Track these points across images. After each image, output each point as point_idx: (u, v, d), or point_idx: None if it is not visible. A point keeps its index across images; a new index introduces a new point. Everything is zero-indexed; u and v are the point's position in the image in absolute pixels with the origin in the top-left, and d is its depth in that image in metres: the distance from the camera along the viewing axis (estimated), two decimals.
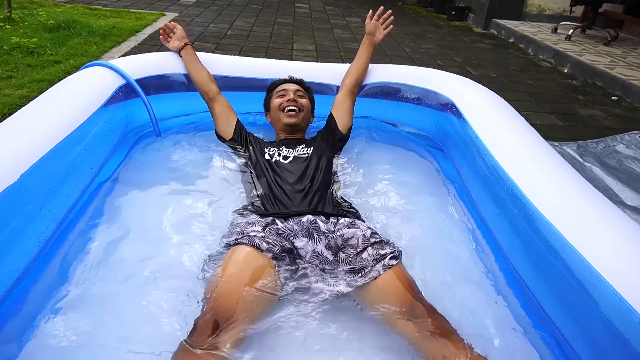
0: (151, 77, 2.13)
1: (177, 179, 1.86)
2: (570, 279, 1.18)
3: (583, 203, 1.34)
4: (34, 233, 1.32)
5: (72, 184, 1.54)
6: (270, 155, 1.76)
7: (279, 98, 1.91)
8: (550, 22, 6.17)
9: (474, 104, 2.03)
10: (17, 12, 4.52)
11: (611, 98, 4.00)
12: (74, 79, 1.92)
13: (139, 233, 1.54)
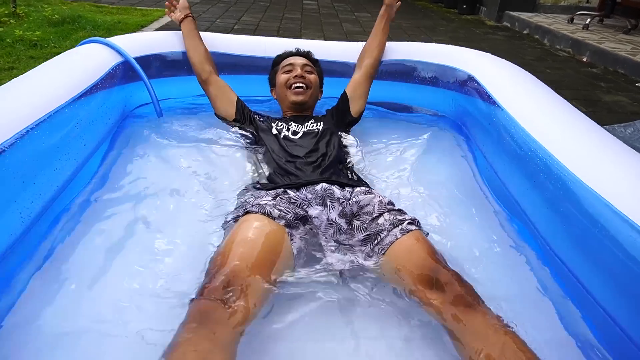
0: (151, 55, 2.03)
1: (179, 158, 1.75)
2: (619, 252, 1.03)
3: (628, 170, 1.19)
4: (16, 208, 1.20)
5: (62, 160, 1.42)
6: (278, 130, 1.65)
7: (285, 74, 1.78)
8: (566, 14, 5.99)
9: (496, 77, 1.90)
10: (23, 8, 4.48)
11: (635, 85, 3.81)
12: (69, 54, 1.81)
13: (137, 212, 1.42)
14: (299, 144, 1.57)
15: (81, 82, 1.60)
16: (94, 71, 1.72)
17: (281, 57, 1.90)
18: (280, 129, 1.66)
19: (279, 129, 1.66)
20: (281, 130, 1.65)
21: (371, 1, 7.60)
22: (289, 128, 1.66)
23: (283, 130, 1.65)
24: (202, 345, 0.84)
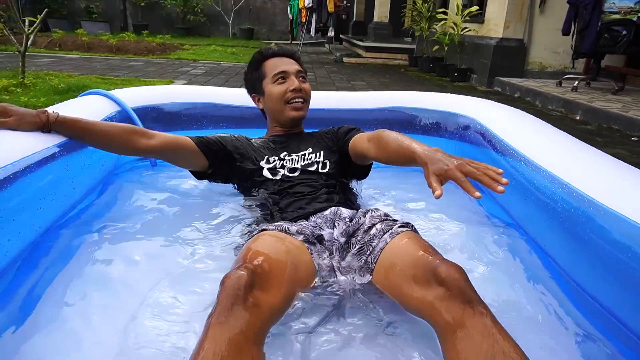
0: (147, 107, 2.05)
1: (173, 207, 1.66)
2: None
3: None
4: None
5: (48, 199, 1.36)
6: (271, 171, 1.45)
7: (279, 85, 1.52)
8: (553, 78, 6.23)
9: (497, 119, 1.90)
10: (31, 79, 4.64)
11: (631, 139, 3.85)
12: (70, 102, 1.83)
13: (128, 265, 1.32)
14: (298, 183, 1.42)
15: None
16: (91, 117, 1.71)
17: (263, 56, 1.59)
18: (273, 166, 1.45)
19: (272, 167, 1.45)
20: (275, 170, 1.45)
21: (366, 71, 7.96)
22: (282, 164, 1.46)
23: (277, 168, 1.45)
24: (234, 336, 0.80)
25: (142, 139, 1.37)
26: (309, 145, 1.54)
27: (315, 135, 1.60)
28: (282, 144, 1.56)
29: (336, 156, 1.50)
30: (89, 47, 8.81)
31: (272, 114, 1.61)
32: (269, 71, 1.54)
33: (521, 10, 6.31)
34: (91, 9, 12.84)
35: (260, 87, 1.57)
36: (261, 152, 1.51)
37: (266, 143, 1.56)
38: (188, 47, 10.05)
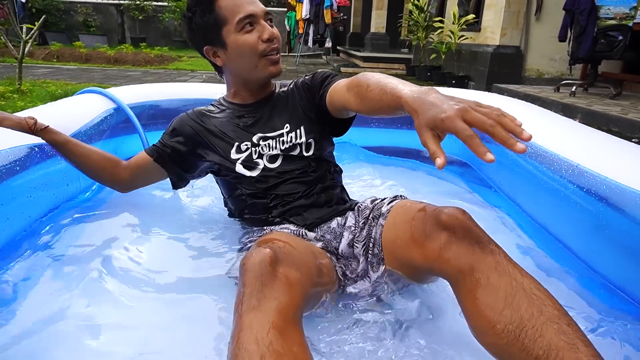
0: (144, 104, 2.02)
1: (172, 208, 1.62)
2: None
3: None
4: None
5: (39, 190, 1.31)
6: (246, 164, 1.18)
7: (247, 33, 1.13)
8: (550, 85, 6.25)
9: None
10: (28, 86, 4.62)
11: (632, 140, 3.82)
12: (65, 100, 1.79)
13: (119, 269, 1.27)
14: (285, 179, 1.17)
15: (73, 122, 1.56)
16: (86, 114, 1.68)
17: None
18: (248, 158, 1.18)
19: (246, 159, 1.18)
20: (250, 162, 1.18)
21: None
22: (260, 153, 1.18)
23: (253, 160, 1.18)
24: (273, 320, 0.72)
25: (120, 171, 1.30)
26: (285, 120, 1.22)
27: (288, 97, 1.27)
28: (252, 118, 1.23)
29: (318, 127, 1.23)
30: (87, 58, 8.83)
31: (239, 74, 1.22)
32: (229, 14, 1.12)
33: (517, 18, 6.35)
34: (89, 22, 12.91)
35: (218, 36, 1.15)
36: (227, 137, 1.21)
37: (230, 119, 1.24)
38: (186, 59, 10.09)
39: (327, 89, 1.16)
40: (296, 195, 1.16)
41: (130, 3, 12.90)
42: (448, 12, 7.87)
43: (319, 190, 1.19)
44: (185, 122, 1.26)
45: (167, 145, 1.26)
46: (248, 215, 1.21)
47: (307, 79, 1.26)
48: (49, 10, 12.30)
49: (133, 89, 2.14)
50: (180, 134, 1.25)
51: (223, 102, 1.30)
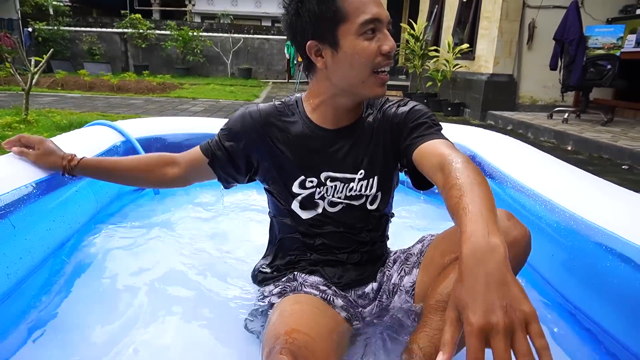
0: (150, 138, 2.11)
1: (177, 237, 1.69)
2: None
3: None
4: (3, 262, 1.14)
5: (57, 222, 1.39)
6: (304, 204, 1.07)
7: (369, 40, 0.93)
8: (544, 112, 6.40)
9: (489, 146, 1.96)
10: (34, 116, 4.74)
11: (622, 167, 3.93)
12: (76, 132, 1.89)
13: (130, 296, 1.34)
14: (337, 229, 1.08)
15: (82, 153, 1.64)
16: (96, 146, 1.77)
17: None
18: (308, 197, 1.06)
19: (306, 198, 1.06)
20: (310, 202, 1.06)
21: None
22: (323, 195, 1.06)
23: (314, 200, 1.06)
24: None
25: (167, 169, 1.16)
26: (361, 163, 1.06)
27: (373, 133, 1.07)
28: (328, 149, 1.05)
29: (394, 177, 1.12)
30: (91, 86, 9.02)
31: (339, 84, 1.00)
32: (353, 11, 0.92)
33: (510, 47, 6.56)
34: (93, 50, 13.20)
35: (332, 33, 0.94)
36: (294, 165, 1.06)
37: (302, 140, 1.06)
38: (187, 86, 10.30)
39: (417, 141, 0.98)
40: (343, 249, 1.09)
41: (133, 32, 13.23)
42: (443, 41, 8.11)
43: (367, 251, 1.11)
44: (249, 129, 1.06)
45: (224, 149, 1.09)
46: (286, 243, 1.13)
47: (399, 113, 1.06)
48: (54, 39, 12.62)
49: (140, 122, 2.24)
50: (240, 140, 1.07)
51: (299, 112, 1.08)
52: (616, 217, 1.17)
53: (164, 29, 13.60)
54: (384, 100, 1.11)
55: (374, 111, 1.09)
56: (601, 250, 1.11)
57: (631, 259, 1.03)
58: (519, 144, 1.99)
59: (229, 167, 1.11)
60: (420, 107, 1.06)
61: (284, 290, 1.06)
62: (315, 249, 1.09)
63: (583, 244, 1.18)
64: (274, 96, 9.29)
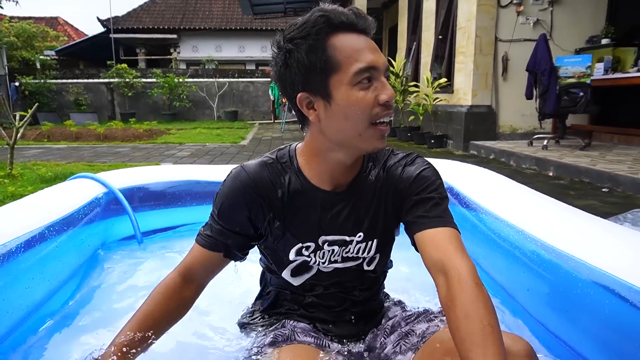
0: (133, 188, 2.13)
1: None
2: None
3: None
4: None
5: (36, 279, 1.38)
6: (296, 271, 1.02)
7: (364, 90, 0.86)
8: (524, 139, 6.56)
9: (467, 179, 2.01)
10: (19, 170, 4.74)
11: (602, 190, 4.01)
12: (58, 186, 1.90)
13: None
14: (329, 290, 1.04)
15: (64, 208, 1.65)
16: (78, 199, 1.78)
17: (332, 24, 0.86)
18: (301, 264, 1.01)
19: (299, 266, 1.01)
20: (304, 267, 1.01)
21: None
22: (318, 261, 1.00)
23: (309, 265, 1.01)
24: None
25: (183, 293, 0.99)
26: (361, 225, 1.00)
27: (375, 194, 1.00)
28: (328, 210, 0.98)
29: (391, 243, 1.07)
30: (77, 136, 9.07)
31: (334, 138, 0.91)
32: (345, 60, 0.85)
33: (486, 80, 6.78)
34: (80, 100, 13.36)
35: (324, 84, 0.87)
36: (292, 231, 0.99)
37: (300, 206, 0.98)
38: (174, 132, 10.40)
39: (420, 223, 0.91)
40: (334, 308, 1.05)
41: (120, 81, 13.45)
42: (422, 76, 8.36)
43: (360, 311, 1.08)
44: (242, 198, 0.96)
45: (230, 232, 0.97)
46: (276, 296, 1.10)
47: (404, 176, 0.97)
48: (41, 92, 12.77)
49: (123, 173, 2.26)
50: (239, 212, 0.97)
51: (293, 169, 0.98)
52: (586, 245, 1.20)
53: (150, 76, 13.86)
54: (388, 153, 1.02)
55: (376, 167, 1.00)
56: (573, 278, 1.13)
57: (607, 288, 1.05)
58: (492, 174, 2.04)
59: (244, 244, 1.00)
60: (427, 172, 0.97)
61: (275, 339, 1.01)
62: (305, 306, 1.05)
63: (555, 272, 1.20)
64: (260, 137, 9.42)
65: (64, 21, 24.96)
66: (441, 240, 0.87)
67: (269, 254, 1.03)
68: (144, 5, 20.08)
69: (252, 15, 13.56)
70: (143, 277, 1.74)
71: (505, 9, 6.62)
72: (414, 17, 9.20)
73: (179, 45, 19.41)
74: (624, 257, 1.09)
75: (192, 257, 1.00)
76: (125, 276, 1.74)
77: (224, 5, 20.39)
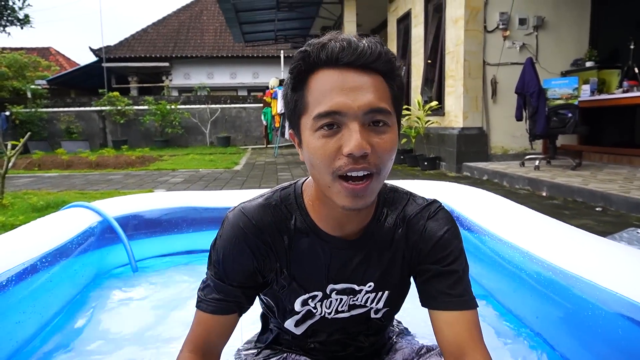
0: (128, 216, 2.10)
1: (156, 317, 1.64)
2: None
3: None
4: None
5: (28, 313, 1.34)
6: (300, 321, 0.94)
7: (325, 138, 0.75)
8: (515, 160, 6.63)
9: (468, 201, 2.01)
10: (9, 199, 4.67)
11: (595, 209, 4.03)
12: (52, 216, 1.87)
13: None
14: (333, 337, 0.97)
15: (59, 237, 1.62)
16: (73, 229, 1.75)
17: (310, 62, 0.77)
18: (306, 313, 0.93)
19: (304, 315, 0.93)
20: (308, 316, 0.93)
21: None
22: (323, 311, 0.92)
23: (312, 314, 0.93)
24: None
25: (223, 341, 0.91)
26: (372, 276, 0.91)
27: (391, 245, 0.91)
28: (338, 260, 0.89)
29: (403, 298, 0.98)
30: (68, 164, 9.01)
31: (315, 181, 0.82)
32: (312, 101, 0.77)
33: (476, 102, 6.89)
34: (71, 129, 13.33)
35: (297, 124, 0.81)
36: (299, 282, 0.90)
37: (308, 254, 0.89)
38: (167, 158, 10.38)
39: (439, 301, 0.86)
40: (338, 352, 0.99)
41: (112, 109, 13.48)
42: (413, 100, 8.48)
43: (365, 355, 1.02)
44: (245, 245, 0.86)
45: (238, 287, 0.87)
46: (276, 337, 1.03)
47: (426, 236, 0.89)
48: (32, 121, 12.74)
49: (116, 201, 2.23)
50: (245, 260, 0.87)
51: (298, 210, 0.89)
52: (585, 262, 1.19)
53: (142, 104, 13.91)
54: (407, 199, 0.92)
55: (392, 213, 0.91)
56: (574, 295, 1.12)
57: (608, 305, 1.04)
58: (492, 195, 2.05)
59: (253, 296, 0.91)
60: (450, 234, 0.88)
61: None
62: (307, 350, 0.99)
63: (558, 290, 1.19)
64: (253, 162, 9.42)
65: (56, 51, 25.17)
66: (462, 326, 0.83)
67: (272, 302, 0.93)
68: (135, 35, 20.33)
69: (244, 42, 13.79)
70: (137, 305, 1.70)
71: (491, 34, 6.79)
72: (403, 43, 9.40)
73: (171, 72, 19.59)
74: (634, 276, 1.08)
75: (203, 328, 0.87)
76: (119, 305, 1.70)
77: (215, 33, 20.70)
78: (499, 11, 6.66)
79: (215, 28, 20.86)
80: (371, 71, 0.75)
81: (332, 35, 0.77)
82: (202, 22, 21.31)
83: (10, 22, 14.29)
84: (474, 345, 0.80)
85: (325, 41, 0.76)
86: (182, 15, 21.64)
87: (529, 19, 6.75)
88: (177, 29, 20.70)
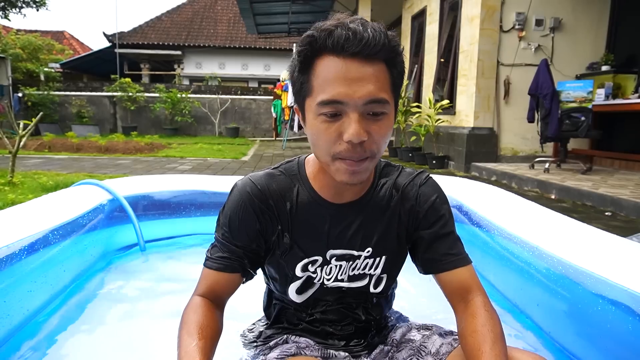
0: (138, 196, 2.11)
1: (164, 293, 1.66)
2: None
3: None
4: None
5: (38, 282, 1.35)
6: (302, 288, 0.99)
7: (326, 123, 0.81)
8: (525, 162, 6.58)
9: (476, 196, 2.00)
10: (20, 178, 4.72)
11: (605, 214, 4.00)
12: (63, 192, 1.88)
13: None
14: (333, 306, 1.01)
15: (68, 212, 1.63)
16: (83, 205, 1.76)
17: (317, 46, 0.80)
18: (306, 280, 0.98)
19: (305, 282, 0.98)
20: (309, 283, 0.98)
21: None
22: (323, 277, 0.97)
23: (313, 282, 0.98)
24: None
25: (219, 317, 0.93)
26: (370, 240, 0.97)
27: (387, 210, 0.98)
28: (337, 225, 0.96)
29: (400, 266, 1.04)
30: (78, 148, 9.07)
31: (317, 156, 0.89)
32: (317, 87, 0.81)
33: (488, 102, 6.84)
34: (82, 113, 13.41)
35: (303, 104, 0.87)
36: (300, 245, 0.96)
37: (309, 219, 0.95)
38: (175, 146, 10.41)
39: (445, 262, 0.94)
40: (336, 322, 1.02)
41: (123, 95, 13.54)
42: (424, 98, 8.44)
43: (364, 326, 1.05)
44: (251, 210, 0.92)
45: (245, 250, 0.93)
46: (279, 311, 1.07)
47: (420, 201, 0.97)
48: (44, 103, 12.82)
49: (128, 180, 2.24)
50: (250, 224, 0.93)
51: (300, 180, 0.96)
52: (603, 260, 1.18)
53: (153, 91, 13.96)
54: (399, 170, 1.01)
55: (387, 182, 0.99)
56: (589, 294, 1.11)
57: (622, 303, 1.03)
58: (502, 191, 2.03)
59: (257, 261, 0.97)
60: (442, 198, 0.98)
61: (282, 356, 0.96)
62: (307, 321, 1.03)
63: (570, 287, 1.18)
64: (261, 154, 9.43)
65: (70, 35, 25.28)
66: (467, 278, 0.94)
67: (274, 271, 0.99)
68: (149, 22, 20.37)
69: (257, 34, 13.77)
70: (144, 284, 1.71)
71: (507, 34, 6.72)
72: (417, 40, 9.34)
73: (182, 61, 19.63)
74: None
75: (210, 283, 0.93)
76: (127, 281, 1.71)
77: (228, 23, 20.70)
78: (516, 11, 6.59)
79: (228, 18, 20.85)
80: (374, 60, 0.80)
81: (339, 21, 0.80)
82: (216, 12, 21.31)
83: (27, 4, 14.37)
84: (476, 291, 0.92)
85: (332, 28, 0.79)
86: (196, 4, 21.64)
87: (546, 20, 6.67)
88: (190, 18, 20.72)
